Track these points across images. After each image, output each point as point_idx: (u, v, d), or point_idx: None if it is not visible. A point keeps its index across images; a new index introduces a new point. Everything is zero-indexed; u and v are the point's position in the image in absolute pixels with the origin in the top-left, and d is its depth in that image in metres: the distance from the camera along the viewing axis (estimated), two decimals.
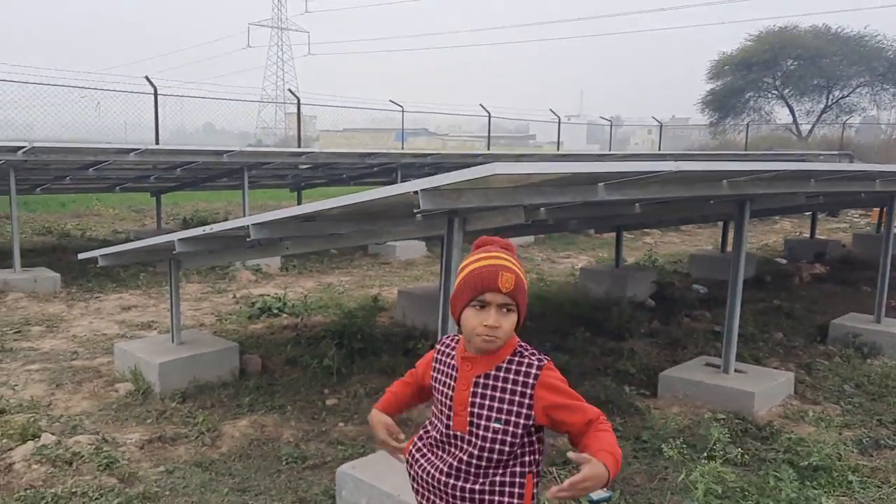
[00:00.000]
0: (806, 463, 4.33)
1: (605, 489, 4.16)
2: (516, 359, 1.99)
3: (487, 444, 1.96)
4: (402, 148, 24.04)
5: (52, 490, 4.02)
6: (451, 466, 2.02)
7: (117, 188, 12.87)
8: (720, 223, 12.37)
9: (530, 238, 13.41)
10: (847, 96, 40.64)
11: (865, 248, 13.59)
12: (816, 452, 4.40)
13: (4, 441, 4.61)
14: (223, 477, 4.30)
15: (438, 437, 2.08)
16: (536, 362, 1.97)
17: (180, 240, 4.88)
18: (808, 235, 13.85)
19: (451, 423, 2.02)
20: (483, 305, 1.91)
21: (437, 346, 2.16)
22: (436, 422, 2.11)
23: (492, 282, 1.89)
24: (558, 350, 6.63)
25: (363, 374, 6.00)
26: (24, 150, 8.12)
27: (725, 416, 5.15)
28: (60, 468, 4.29)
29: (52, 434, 4.70)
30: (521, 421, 1.96)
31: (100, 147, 8.94)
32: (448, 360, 2.08)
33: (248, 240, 4.38)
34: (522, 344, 2.03)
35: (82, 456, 4.42)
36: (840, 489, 4.15)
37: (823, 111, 40.76)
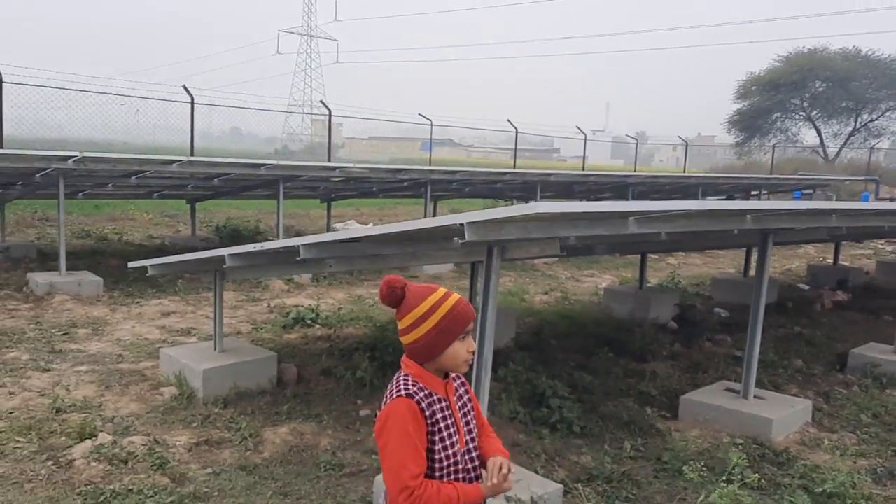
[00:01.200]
0: (820, 490, 4.52)
1: None
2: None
3: (475, 446, 2.32)
4: (430, 159, 24.44)
5: (111, 487, 4.31)
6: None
7: (155, 195, 13.31)
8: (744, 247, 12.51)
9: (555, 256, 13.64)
10: (875, 120, 40.47)
11: (889, 277, 13.66)
12: (831, 480, 4.59)
13: (63, 439, 4.93)
14: (266, 481, 4.57)
15: (453, 472, 2.22)
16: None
17: (231, 255, 5.19)
18: (831, 261, 13.93)
19: (457, 448, 2.23)
20: (465, 335, 2.22)
21: (414, 401, 2.14)
22: (441, 465, 2.19)
23: (471, 313, 2.23)
24: (583, 370, 6.85)
25: None
26: (75, 159, 8.52)
27: (744, 441, 5.35)
28: (117, 466, 4.59)
29: (108, 434, 5.00)
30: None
31: (145, 158, 9.33)
32: (431, 398, 2.18)
33: (296, 259, 4.66)
34: None
35: (136, 456, 4.72)
36: None
37: (851, 134, 40.60)
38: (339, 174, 11.20)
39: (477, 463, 2.32)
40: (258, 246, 4.94)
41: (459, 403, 2.30)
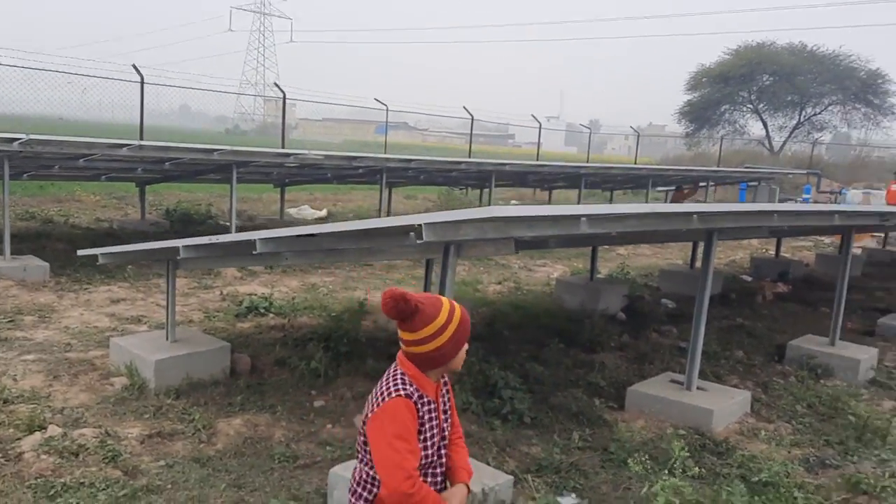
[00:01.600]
0: (757, 478, 4.75)
1: (573, 496, 4.58)
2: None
3: (446, 451, 2.52)
4: (385, 143, 24.37)
5: (62, 480, 4.29)
6: (439, 482, 2.52)
7: (103, 177, 13.01)
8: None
9: None
10: (819, 114, 41.73)
11: (828, 269, 14.19)
12: (767, 469, 4.82)
13: (11, 431, 4.86)
14: (220, 473, 4.59)
15: (431, 468, 2.48)
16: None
17: (186, 246, 5.16)
18: (773, 253, 14.41)
19: (432, 451, 2.45)
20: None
21: (413, 400, 2.32)
22: (425, 462, 2.44)
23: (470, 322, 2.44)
24: (534, 360, 7.01)
25: (349, 378, 6.30)
26: (21, 141, 8.29)
27: (686, 432, 5.57)
28: (67, 459, 4.56)
29: (58, 426, 4.95)
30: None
31: (93, 141, 9.12)
32: (422, 400, 2.37)
33: (252, 252, 4.67)
34: None
35: (87, 448, 4.69)
36: None
37: (796, 127, 41.81)
38: (293, 161, 11.12)
39: (444, 468, 2.49)
40: (214, 238, 4.92)
41: (444, 406, 2.48)
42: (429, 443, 2.39)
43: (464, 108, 22.31)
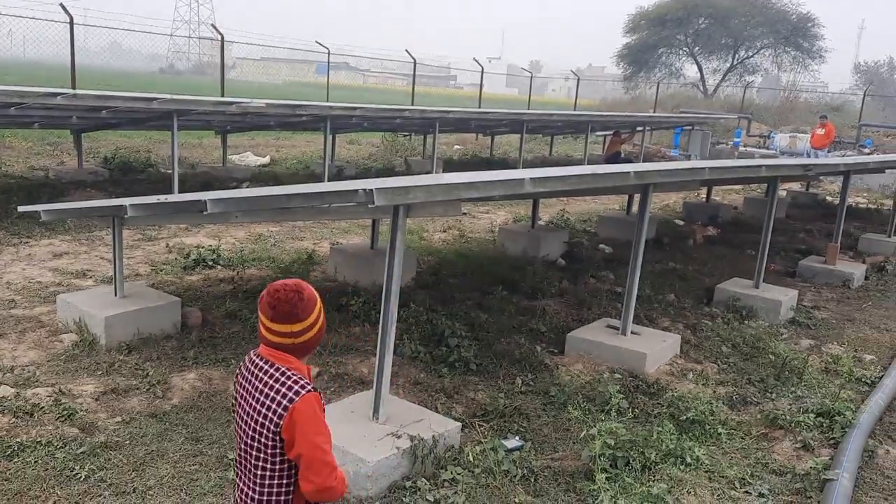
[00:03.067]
0: (685, 417, 5.16)
1: (517, 438, 4.90)
2: None
3: None
4: (327, 85, 23.96)
5: (18, 440, 4.35)
6: None
7: (36, 125, 12.55)
8: None
9: None
10: (751, 57, 42.63)
11: (755, 212, 14.84)
12: (693, 408, 5.24)
13: None
14: (177, 427, 4.73)
15: None
16: None
17: (133, 205, 5.17)
18: (704, 198, 14.96)
19: None
20: None
21: (319, 391, 2.31)
22: None
23: None
24: (479, 308, 7.28)
25: None
26: None
27: (621, 374, 5.96)
28: (22, 419, 4.60)
29: (9, 386, 4.98)
30: None
31: (25, 90, 8.79)
32: None
33: (203, 213, 4.73)
34: None
35: (42, 407, 4.75)
36: (711, 440, 4.99)
37: (729, 70, 42.65)
38: (235, 109, 10.95)
39: None
40: (162, 198, 4.95)
41: None
42: None
43: (406, 51, 22.06)
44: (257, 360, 2.35)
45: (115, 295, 6.26)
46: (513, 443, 4.67)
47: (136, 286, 6.75)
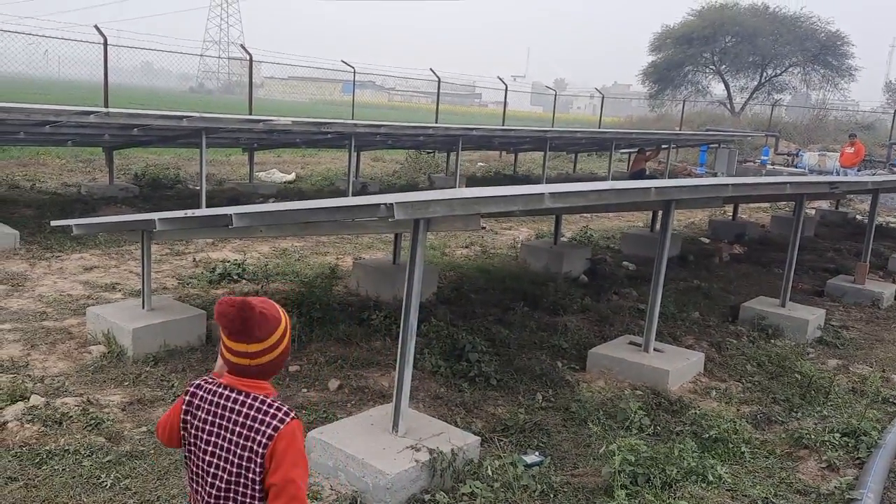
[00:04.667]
0: (707, 435, 5.11)
1: (537, 454, 4.90)
2: None
3: None
4: (353, 104, 24.22)
5: (46, 447, 4.44)
6: None
7: (69, 142, 12.86)
8: None
9: None
10: (779, 75, 42.31)
11: (782, 230, 14.69)
12: (717, 426, 5.19)
13: None
14: None
15: None
16: None
17: (162, 219, 5.28)
18: (731, 216, 14.85)
19: None
20: None
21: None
22: None
23: None
24: (500, 323, 7.29)
25: (322, 343, 6.51)
26: None
27: (643, 391, 5.91)
28: (51, 427, 4.70)
29: (40, 395, 5.09)
30: None
31: (60, 109, 9.05)
32: None
33: (228, 226, 4.82)
34: None
35: (70, 416, 4.84)
36: (733, 459, 4.93)
37: (756, 88, 42.36)
38: (263, 126, 11.13)
39: None
40: (190, 212, 5.05)
41: None
42: None
43: (430, 70, 22.25)
44: (221, 391, 2.19)
45: (143, 308, 6.37)
46: (532, 458, 4.67)
47: (163, 299, 6.87)
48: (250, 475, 2.13)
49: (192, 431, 2.24)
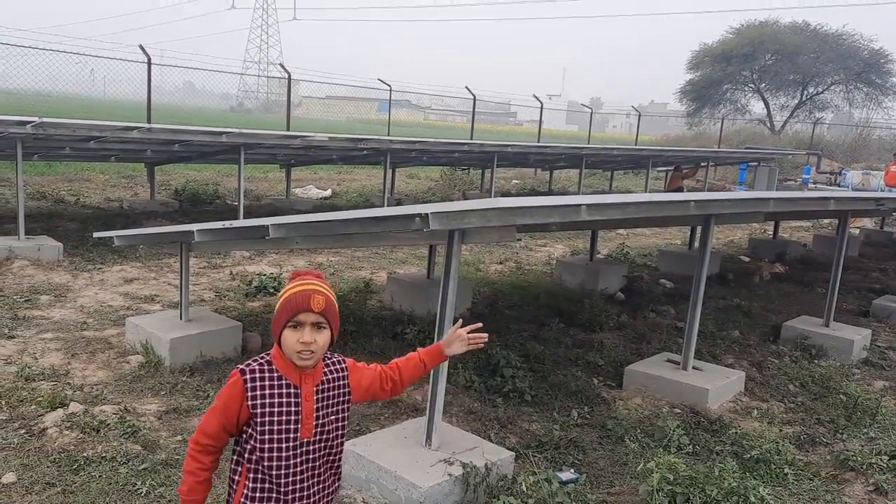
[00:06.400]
0: (749, 455, 4.97)
1: (572, 471, 4.81)
2: (329, 363, 2.39)
3: (331, 442, 2.36)
4: (388, 122, 24.42)
5: (84, 454, 4.49)
6: (312, 475, 2.33)
7: (112, 158, 13.17)
8: None
9: None
10: (821, 93, 41.65)
11: (824, 249, 14.36)
12: (758, 446, 5.05)
13: (34, 407, 5.07)
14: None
15: (285, 455, 2.27)
16: (340, 360, 2.44)
17: (200, 230, 5.35)
18: (772, 234, 14.57)
19: (298, 435, 2.27)
20: (298, 325, 2.20)
21: (246, 377, 2.24)
22: (272, 446, 2.25)
23: (304, 303, 2.19)
24: (535, 340, 7.22)
25: (356, 356, 6.43)
26: (33, 124, 8.45)
27: (682, 410, 5.79)
28: (89, 434, 4.75)
29: (79, 403, 5.16)
30: (346, 412, 2.42)
31: (104, 124, 9.27)
32: (275, 382, 2.25)
33: (264, 237, 4.85)
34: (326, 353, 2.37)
35: (108, 424, 4.89)
36: (776, 481, 4.78)
37: (797, 107, 41.74)
38: (299, 143, 11.26)
39: (327, 452, 2.36)
40: (227, 224, 5.10)
41: (321, 394, 2.31)
42: (274, 425, 2.23)
43: (466, 88, 22.37)
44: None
45: (181, 319, 6.45)
46: (567, 475, 4.58)
47: (200, 310, 6.94)
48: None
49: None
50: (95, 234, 6.53)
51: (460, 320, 2.77)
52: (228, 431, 2.30)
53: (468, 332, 2.67)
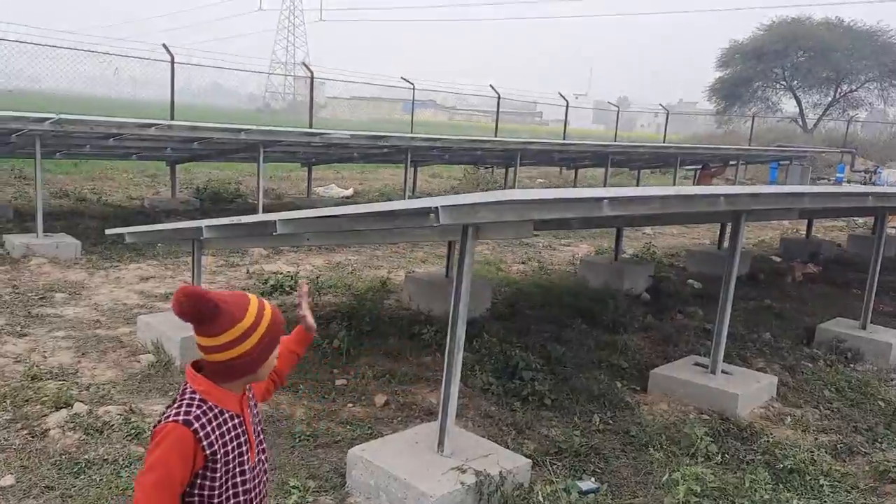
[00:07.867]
0: (781, 465, 4.69)
1: (593, 480, 4.55)
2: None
3: (266, 454, 2.21)
4: (412, 122, 24.26)
5: (86, 456, 4.36)
6: (259, 493, 2.16)
7: (133, 156, 13.17)
8: None
9: None
10: (855, 91, 40.64)
11: (860, 250, 13.89)
12: (792, 456, 4.77)
13: (38, 407, 4.95)
14: None
15: (242, 490, 2.09)
16: None
17: (208, 226, 5.20)
18: (804, 234, 14.14)
19: (249, 465, 2.09)
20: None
21: (195, 427, 1.93)
22: (234, 481, 2.06)
23: (282, 317, 2.10)
24: (556, 341, 6.97)
25: (371, 356, 6.32)
26: (52, 121, 8.40)
27: (710, 416, 5.51)
28: (92, 436, 4.62)
29: (83, 403, 5.03)
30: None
31: (123, 121, 9.22)
32: (220, 420, 2.01)
33: (273, 234, 4.68)
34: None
35: (112, 425, 4.76)
36: (811, 493, 4.49)
37: (830, 105, 40.79)
38: (319, 140, 11.13)
39: (267, 476, 2.23)
40: (235, 219, 4.94)
41: (252, 413, 2.16)
42: (234, 463, 2.04)
43: (490, 86, 22.12)
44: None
45: None
46: (588, 485, 4.34)
47: None
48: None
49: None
50: (107, 231, 6.43)
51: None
52: (180, 494, 1.99)
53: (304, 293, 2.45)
